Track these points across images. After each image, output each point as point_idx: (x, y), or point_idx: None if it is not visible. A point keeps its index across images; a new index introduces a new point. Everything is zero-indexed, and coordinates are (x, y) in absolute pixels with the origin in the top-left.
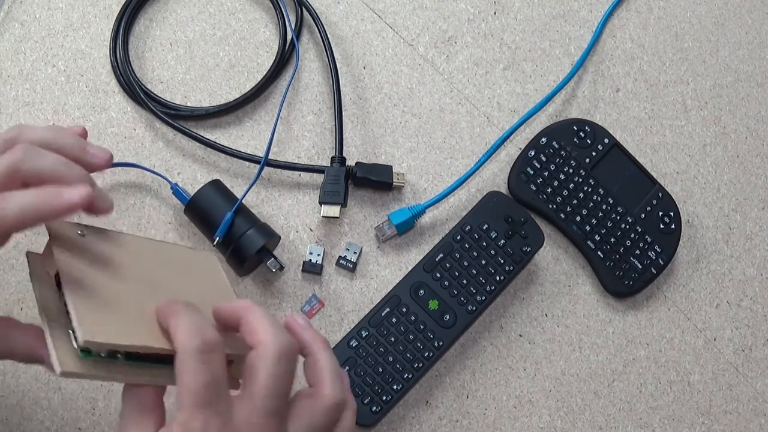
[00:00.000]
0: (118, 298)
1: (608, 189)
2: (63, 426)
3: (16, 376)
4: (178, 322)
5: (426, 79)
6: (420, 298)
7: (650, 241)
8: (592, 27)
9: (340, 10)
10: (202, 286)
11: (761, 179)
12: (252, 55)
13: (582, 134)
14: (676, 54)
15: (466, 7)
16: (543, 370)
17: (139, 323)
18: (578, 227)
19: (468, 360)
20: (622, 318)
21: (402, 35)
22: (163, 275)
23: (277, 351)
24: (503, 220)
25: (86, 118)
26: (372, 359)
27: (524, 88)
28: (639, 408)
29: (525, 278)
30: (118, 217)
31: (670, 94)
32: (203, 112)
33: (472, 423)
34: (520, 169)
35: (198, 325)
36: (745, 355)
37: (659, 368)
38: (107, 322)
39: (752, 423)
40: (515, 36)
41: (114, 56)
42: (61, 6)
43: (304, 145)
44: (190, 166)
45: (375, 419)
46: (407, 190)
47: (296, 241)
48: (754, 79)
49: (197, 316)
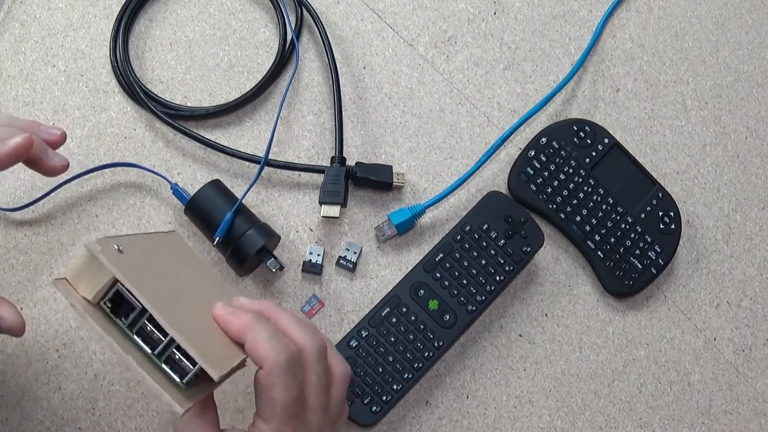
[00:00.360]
0: (191, 315)
1: (608, 189)
2: (63, 426)
3: (16, 376)
4: (256, 336)
5: (426, 79)
6: (420, 298)
7: (650, 241)
8: (592, 27)
9: (340, 10)
10: (192, 267)
11: (761, 179)
12: (252, 55)
13: (582, 134)
14: (676, 54)
15: (466, 7)
16: (543, 370)
17: (218, 338)
18: (578, 227)
19: (468, 360)
20: (622, 318)
21: (402, 35)
22: (178, 270)
23: (283, 362)
24: (503, 220)
25: (86, 118)
26: (372, 359)
27: (524, 88)
28: (639, 408)
29: (525, 278)
30: (118, 217)
31: (670, 94)
32: (203, 112)
33: (472, 423)
34: (520, 169)
35: (278, 338)
36: (745, 355)
37: (659, 368)
38: (213, 351)
39: (752, 423)
40: (515, 36)
41: (114, 56)
42: (61, 6)
43: (304, 145)
44: (190, 166)
45: (375, 419)
46: (407, 190)
47: (296, 241)
48: (754, 79)
49: (271, 327)
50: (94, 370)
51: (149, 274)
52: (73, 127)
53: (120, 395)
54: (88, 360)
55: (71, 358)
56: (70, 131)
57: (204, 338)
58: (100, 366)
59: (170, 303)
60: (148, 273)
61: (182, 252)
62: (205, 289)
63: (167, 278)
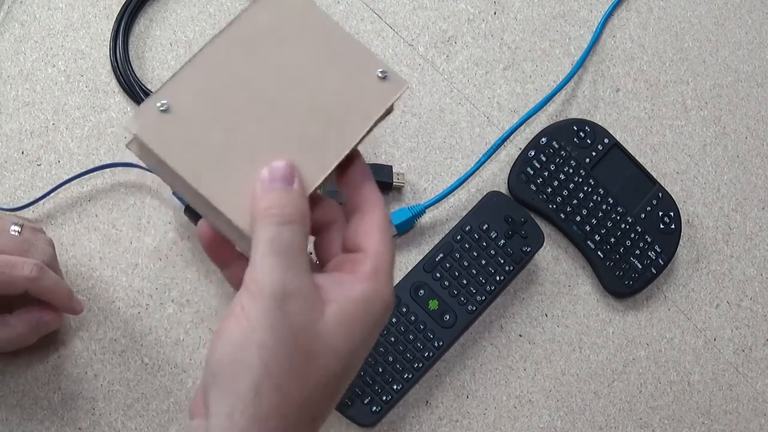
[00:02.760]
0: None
1: (608, 189)
2: (63, 426)
3: (16, 376)
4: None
5: (426, 79)
6: (420, 298)
7: (650, 241)
8: (592, 27)
9: (340, 10)
10: (331, 63)
11: (761, 179)
12: None
13: (582, 134)
14: (676, 54)
15: (466, 7)
16: (543, 370)
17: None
18: (578, 227)
19: (468, 360)
20: (622, 318)
21: (402, 35)
22: (280, 73)
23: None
24: (503, 220)
25: (86, 118)
26: (372, 359)
27: (524, 88)
28: (639, 408)
29: (525, 278)
30: (118, 216)
31: (670, 94)
32: None
33: (472, 423)
34: (520, 169)
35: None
36: (745, 355)
37: (659, 368)
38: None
39: (752, 423)
40: (515, 36)
41: (114, 56)
42: (61, 6)
43: None
44: None
45: (375, 419)
46: (407, 190)
47: None
48: (754, 79)
49: (287, 194)
50: (94, 370)
51: (208, 118)
52: (73, 127)
53: (120, 395)
54: (88, 360)
55: (71, 358)
56: (71, 131)
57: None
58: (100, 366)
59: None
60: (206, 118)
61: (305, 29)
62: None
63: (244, 109)
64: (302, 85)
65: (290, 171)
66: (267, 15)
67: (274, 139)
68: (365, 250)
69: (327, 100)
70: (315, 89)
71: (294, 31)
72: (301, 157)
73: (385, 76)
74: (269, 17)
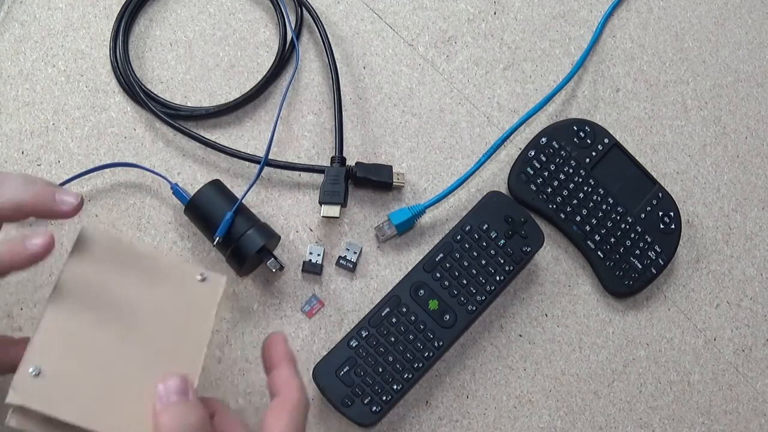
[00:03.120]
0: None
1: (608, 189)
2: None
3: None
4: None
5: (426, 79)
6: (420, 298)
7: (650, 241)
8: (592, 27)
9: (340, 10)
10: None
11: (761, 179)
12: (252, 55)
13: (582, 134)
14: (676, 54)
15: (466, 7)
16: (543, 370)
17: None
18: (578, 227)
19: (468, 360)
20: (622, 318)
21: (402, 35)
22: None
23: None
24: (503, 220)
25: (86, 118)
26: (372, 359)
27: (524, 88)
28: (639, 408)
29: (525, 278)
30: (118, 216)
31: (670, 94)
32: (203, 112)
33: (472, 423)
34: (520, 169)
35: None
36: (745, 355)
37: (659, 368)
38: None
39: (752, 423)
40: (515, 36)
41: (114, 56)
42: (61, 6)
43: (304, 145)
44: (190, 166)
45: (375, 419)
46: (407, 190)
47: (296, 241)
48: (754, 79)
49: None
50: None
51: (75, 376)
52: (73, 127)
53: None
54: None
55: None
56: (71, 131)
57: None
58: None
59: (98, 400)
60: (73, 378)
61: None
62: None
63: (103, 356)
64: (143, 310)
65: (184, 384)
66: (85, 264)
67: (142, 360)
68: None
69: (168, 314)
70: (154, 309)
71: (115, 269)
72: (173, 367)
73: (204, 278)
74: (87, 265)
